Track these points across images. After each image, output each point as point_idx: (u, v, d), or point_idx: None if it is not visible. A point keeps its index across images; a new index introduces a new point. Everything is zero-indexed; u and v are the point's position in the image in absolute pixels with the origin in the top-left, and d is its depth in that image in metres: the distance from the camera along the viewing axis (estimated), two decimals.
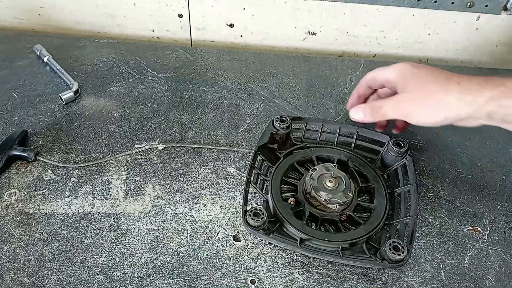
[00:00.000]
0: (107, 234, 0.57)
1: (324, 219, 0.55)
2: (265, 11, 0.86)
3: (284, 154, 0.62)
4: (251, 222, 0.51)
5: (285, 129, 0.61)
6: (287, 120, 0.62)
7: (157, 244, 0.56)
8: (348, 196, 0.55)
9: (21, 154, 0.63)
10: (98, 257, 0.55)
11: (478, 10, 0.82)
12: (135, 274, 0.53)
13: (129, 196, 0.61)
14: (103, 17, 0.89)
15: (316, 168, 0.57)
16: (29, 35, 0.84)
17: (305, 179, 0.57)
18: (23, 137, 0.65)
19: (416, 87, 0.52)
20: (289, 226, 0.53)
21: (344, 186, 0.55)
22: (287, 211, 0.54)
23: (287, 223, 0.53)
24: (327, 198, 0.54)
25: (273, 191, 0.56)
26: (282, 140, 0.63)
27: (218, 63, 0.83)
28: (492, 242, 0.58)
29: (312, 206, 0.56)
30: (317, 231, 0.53)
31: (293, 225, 0.53)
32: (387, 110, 0.55)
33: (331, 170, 0.57)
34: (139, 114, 0.72)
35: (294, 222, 0.53)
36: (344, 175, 0.57)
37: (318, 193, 0.55)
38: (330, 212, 0.55)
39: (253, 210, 0.52)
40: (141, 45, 0.85)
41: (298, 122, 0.64)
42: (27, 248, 0.55)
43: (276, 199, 0.55)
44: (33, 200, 0.60)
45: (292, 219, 0.53)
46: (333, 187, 0.55)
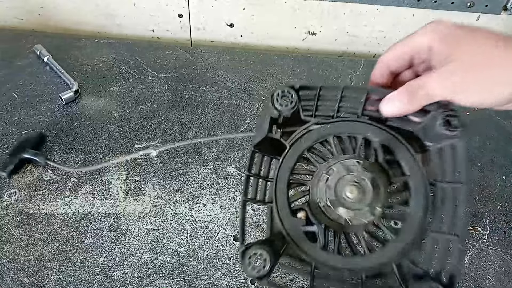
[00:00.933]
0: (107, 234, 0.57)
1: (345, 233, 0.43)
2: (265, 11, 0.86)
3: (291, 141, 0.45)
4: (251, 273, 0.37)
5: (290, 109, 0.43)
6: (292, 95, 0.43)
7: (157, 244, 0.56)
8: (376, 212, 0.40)
9: (33, 157, 0.62)
10: (98, 257, 0.55)
11: (478, 10, 0.82)
12: (135, 274, 0.53)
13: (129, 196, 0.61)
14: (103, 17, 0.89)
15: (334, 168, 0.42)
16: (29, 35, 0.84)
17: (318, 186, 0.42)
18: (39, 141, 0.65)
19: (469, 53, 0.38)
20: (301, 254, 0.40)
21: (370, 195, 0.40)
22: (297, 231, 0.41)
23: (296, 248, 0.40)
24: (348, 218, 0.40)
25: (278, 202, 0.42)
26: (286, 120, 0.45)
27: (218, 63, 0.83)
28: (492, 242, 0.58)
29: (328, 218, 0.42)
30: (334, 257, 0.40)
31: (303, 250, 0.40)
32: (433, 89, 0.39)
33: (354, 171, 0.41)
34: (139, 114, 0.72)
35: (305, 246, 0.40)
36: (372, 176, 0.40)
37: (337, 210, 0.41)
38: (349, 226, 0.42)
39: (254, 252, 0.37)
40: (141, 45, 0.85)
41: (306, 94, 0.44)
42: (27, 248, 0.55)
43: (282, 214, 0.42)
44: (33, 200, 0.60)
45: (304, 243, 0.40)
46: (355, 198, 0.40)
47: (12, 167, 0.61)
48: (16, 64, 0.78)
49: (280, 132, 0.45)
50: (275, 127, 0.45)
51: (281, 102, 0.43)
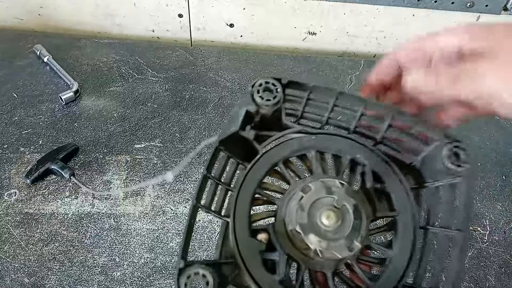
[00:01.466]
0: (107, 234, 0.57)
1: (310, 270, 0.34)
2: (265, 11, 0.86)
3: (266, 144, 0.37)
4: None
5: (271, 106, 0.36)
6: (276, 89, 0.36)
7: (157, 244, 0.56)
8: (353, 247, 0.32)
9: (58, 170, 0.61)
10: (98, 257, 0.55)
11: (478, 10, 0.82)
12: (135, 274, 0.53)
13: (129, 196, 0.61)
14: (103, 17, 0.89)
15: (311, 186, 0.33)
16: (29, 35, 0.84)
17: (289, 205, 0.34)
18: (71, 152, 0.64)
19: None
20: (252, 284, 0.32)
21: (350, 226, 0.32)
22: (253, 256, 0.32)
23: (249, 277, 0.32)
24: (319, 249, 0.31)
25: (237, 214, 0.34)
26: (265, 121, 0.37)
27: (218, 63, 0.83)
28: (492, 242, 0.58)
29: (294, 247, 0.33)
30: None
31: (256, 282, 0.31)
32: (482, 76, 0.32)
33: (335, 193, 0.33)
34: (139, 114, 0.72)
35: (262, 279, 0.32)
36: (354, 204, 0.32)
37: (307, 237, 0.32)
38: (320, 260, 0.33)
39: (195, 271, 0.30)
40: (141, 45, 0.85)
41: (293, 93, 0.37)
42: (27, 248, 0.55)
43: (238, 230, 0.33)
44: (33, 200, 0.60)
45: (259, 272, 0.32)
46: (332, 226, 0.32)
47: (36, 176, 0.60)
48: (16, 64, 0.78)
49: (254, 133, 0.36)
50: (248, 127, 0.37)
51: (262, 95, 0.36)
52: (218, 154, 0.36)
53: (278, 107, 0.36)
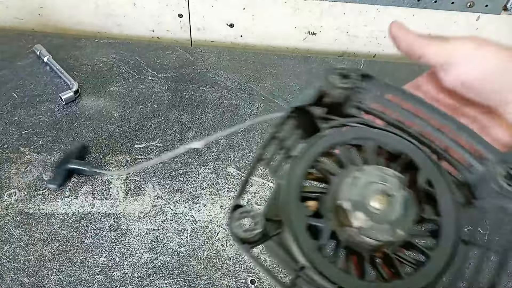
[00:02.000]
0: (107, 234, 0.57)
1: (349, 248, 0.35)
2: (265, 11, 0.86)
3: (330, 126, 0.39)
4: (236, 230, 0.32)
5: (345, 90, 0.38)
6: (353, 75, 0.38)
7: (157, 244, 0.56)
8: (396, 235, 0.33)
9: (79, 167, 0.62)
10: (98, 257, 0.55)
11: (478, 10, 0.82)
12: (135, 274, 0.53)
13: (129, 196, 0.61)
14: (103, 17, 0.89)
15: (366, 169, 0.35)
16: (29, 35, 0.84)
17: (344, 180, 0.35)
18: (83, 150, 0.65)
19: None
20: (293, 245, 0.33)
21: (397, 214, 0.33)
22: (299, 218, 0.34)
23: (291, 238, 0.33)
24: (362, 226, 0.33)
25: (291, 178, 0.36)
26: (332, 105, 0.39)
27: (218, 63, 0.83)
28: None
29: (339, 223, 0.35)
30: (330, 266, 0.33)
31: (299, 243, 0.33)
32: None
33: (389, 182, 0.34)
34: (139, 114, 0.72)
35: (302, 241, 0.33)
36: (405, 197, 0.34)
37: (354, 214, 0.33)
38: (358, 239, 0.35)
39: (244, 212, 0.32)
40: (141, 45, 0.85)
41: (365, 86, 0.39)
42: (27, 248, 0.55)
43: (290, 192, 0.35)
44: (33, 200, 0.60)
45: (302, 235, 0.33)
46: (379, 210, 0.33)
47: (60, 179, 0.61)
48: (16, 64, 0.78)
49: (321, 110, 0.38)
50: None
51: (339, 79, 0.37)
52: (288, 121, 0.38)
53: (349, 94, 0.38)
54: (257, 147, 0.68)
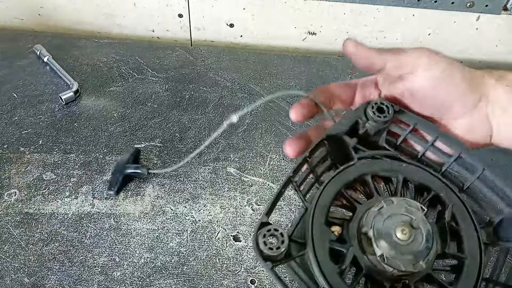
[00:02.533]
0: (107, 234, 0.57)
1: (369, 276, 0.36)
2: (265, 11, 0.86)
3: (361, 156, 0.40)
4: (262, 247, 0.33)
5: (380, 123, 0.39)
6: (389, 110, 0.39)
7: (157, 244, 0.56)
8: (418, 266, 0.33)
9: (135, 171, 0.61)
10: (98, 257, 0.55)
11: (478, 10, 0.82)
12: (135, 274, 0.53)
13: (129, 196, 0.61)
14: (103, 17, 0.89)
15: (394, 201, 0.36)
16: (29, 35, 0.84)
17: (370, 209, 0.36)
18: (136, 155, 0.64)
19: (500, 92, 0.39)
20: (315, 267, 0.34)
21: (420, 246, 0.34)
22: (323, 241, 0.35)
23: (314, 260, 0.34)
24: (385, 255, 0.33)
25: (319, 203, 0.37)
26: (365, 137, 0.41)
27: (218, 63, 0.83)
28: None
29: (361, 249, 0.35)
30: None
31: (321, 266, 0.34)
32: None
33: (414, 214, 0.35)
34: (139, 114, 0.72)
35: (324, 264, 0.34)
36: (429, 230, 0.34)
37: (378, 242, 0.34)
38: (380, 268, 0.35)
39: (271, 229, 0.33)
40: (141, 45, 0.85)
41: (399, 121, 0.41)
42: (27, 248, 0.55)
43: (316, 216, 0.36)
44: (33, 200, 0.60)
45: (325, 258, 0.35)
46: (403, 241, 0.34)
47: (118, 185, 0.60)
48: (16, 64, 0.78)
49: (356, 141, 0.40)
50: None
51: (375, 112, 0.39)
52: (321, 146, 0.40)
53: (383, 128, 0.40)
54: (257, 147, 0.68)
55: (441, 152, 0.40)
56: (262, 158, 0.67)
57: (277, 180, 0.64)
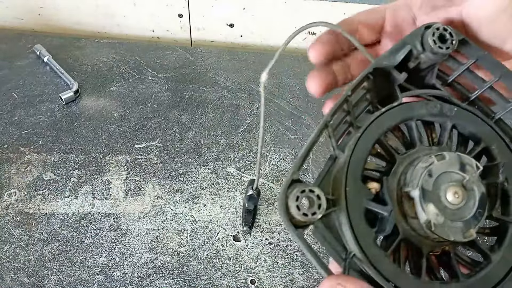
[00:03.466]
0: (107, 234, 0.57)
1: (407, 240, 0.31)
2: (265, 11, 0.86)
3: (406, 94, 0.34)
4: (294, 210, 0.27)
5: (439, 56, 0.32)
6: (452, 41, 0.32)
7: (157, 244, 0.56)
8: (468, 235, 0.29)
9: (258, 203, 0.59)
10: (98, 257, 0.55)
11: None
12: (135, 274, 0.53)
13: (129, 196, 0.61)
14: (103, 17, 0.89)
15: (446, 155, 0.30)
16: (29, 35, 0.84)
17: (414, 165, 0.31)
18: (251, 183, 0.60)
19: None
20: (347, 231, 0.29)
21: (472, 212, 0.29)
22: (358, 200, 0.30)
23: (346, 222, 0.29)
24: (432, 222, 0.29)
25: (355, 152, 0.31)
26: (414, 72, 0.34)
27: (218, 63, 0.83)
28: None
29: (402, 212, 0.31)
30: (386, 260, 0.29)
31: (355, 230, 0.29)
32: None
33: (469, 173, 0.30)
34: (139, 114, 0.72)
35: (359, 228, 0.29)
36: (483, 193, 0.30)
37: (425, 205, 0.29)
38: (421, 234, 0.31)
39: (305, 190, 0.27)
40: (141, 45, 0.85)
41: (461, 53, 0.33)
42: (27, 248, 0.55)
43: (351, 169, 0.30)
44: (33, 200, 0.60)
45: (359, 220, 0.29)
46: (456, 205, 0.29)
47: (251, 220, 0.59)
48: (16, 64, 0.78)
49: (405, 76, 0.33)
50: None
51: (436, 41, 0.31)
52: (364, 81, 0.33)
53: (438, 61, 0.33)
54: (257, 147, 0.68)
55: (499, 96, 0.33)
56: (262, 158, 0.67)
57: (277, 180, 0.64)
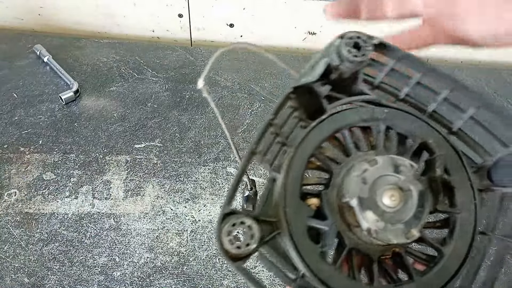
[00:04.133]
0: (107, 234, 0.57)
1: (355, 249, 0.31)
2: (265, 11, 0.86)
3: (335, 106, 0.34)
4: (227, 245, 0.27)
5: (356, 64, 0.32)
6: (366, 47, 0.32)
7: (157, 244, 0.56)
8: (411, 236, 0.29)
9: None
10: (98, 257, 0.55)
11: None
12: (135, 274, 0.53)
13: (129, 196, 0.61)
14: (103, 17, 0.89)
15: (378, 160, 0.30)
16: (29, 35, 0.84)
17: (349, 175, 0.31)
18: None
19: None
20: (292, 251, 0.29)
21: (412, 212, 0.29)
22: (299, 219, 0.30)
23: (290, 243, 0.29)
24: (373, 229, 0.29)
25: (290, 170, 0.30)
26: (341, 80, 0.34)
27: (218, 63, 0.83)
28: None
29: (345, 223, 0.31)
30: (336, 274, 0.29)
31: (299, 249, 0.29)
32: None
33: (403, 174, 0.30)
34: (139, 114, 0.72)
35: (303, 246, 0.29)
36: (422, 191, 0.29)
37: (363, 213, 0.29)
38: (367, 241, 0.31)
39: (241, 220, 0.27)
40: (141, 45, 0.85)
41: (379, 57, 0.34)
42: (27, 248, 0.55)
43: (288, 188, 0.30)
44: (33, 200, 0.60)
45: (302, 239, 0.29)
46: (392, 208, 0.29)
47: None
48: (16, 64, 0.78)
49: (328, 88, 0.33)
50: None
51: (351, 50, 0.31)
52: (286, 102, 0.32)
53: (359, 69, 0.33)
54: None
55: (429, 90, 0.34)
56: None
57: None
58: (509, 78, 0.83)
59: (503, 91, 0.80)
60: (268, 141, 0.31)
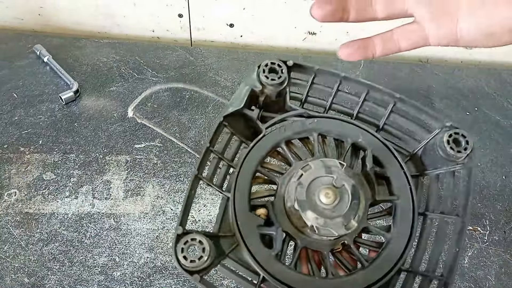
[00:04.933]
0: (107, 234, 0.57)
1: (309, 247, 0.35)
2: (265, 11, 0.86)
3: (269, 125, 0.37)
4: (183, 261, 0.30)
5: (276, 86, 0.36)
6: (282, 69, 0.37)
7: (157, 244, 0.56)
8: (351, 226, 0.32)
9: None
10: (98, 257, 0.55)
11: None
12: (135, 274, 0.53)
13: (129, 196, 0.61)
14: (103, 17, 0.89)
15: (311, 165, 0.34)
16: (29, 35, 0.84)
17: (289, 183, 0.34)
18: None
19: None
20: (248, 258, 0.32)
21: (347, 205, 0.32)
22: (251, 230, 0.33)
23: (246, 251, 0.32)
24: (316, 225, 0.32)
25: (238, 192, 0.34)
26: (269, 102, 0.38)
27: (218, 63, 0.83)
28: (492, 242, 0.58)
29: (291, 224, 0.34)
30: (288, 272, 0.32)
31: (253, 256, 0.32)
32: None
33: (335, 173, 0.33)
34: (139, 114, 0.72)
35: (258, 252, 0.32)
36: (353, 185, 0.33)
37: (304, 214, 0.32)
38: (315, 238, 0.34)
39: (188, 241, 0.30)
40: (141, 45, 0.85)
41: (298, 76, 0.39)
42: (27, 248, 0.55)
43: (239, 207, 0.34)
44: (33, 200, 0.60)
45: (256, 245, 0.32)
46: (330, 204, 0.32)
47: None
48: (16, 64, 0.78)
49: (257, 112, 0.37)
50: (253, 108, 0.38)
51: (268, 75, 0.36)
52: (221, 130, 0.36)
53: (283, 89, 0.37)
54: None
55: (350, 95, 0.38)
56: None
57: None
58: (509, 78, 0.83)
59: (503, 91, 0.80)
60: (213, 165, 0.36)
